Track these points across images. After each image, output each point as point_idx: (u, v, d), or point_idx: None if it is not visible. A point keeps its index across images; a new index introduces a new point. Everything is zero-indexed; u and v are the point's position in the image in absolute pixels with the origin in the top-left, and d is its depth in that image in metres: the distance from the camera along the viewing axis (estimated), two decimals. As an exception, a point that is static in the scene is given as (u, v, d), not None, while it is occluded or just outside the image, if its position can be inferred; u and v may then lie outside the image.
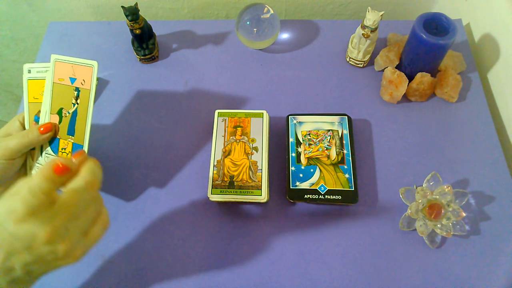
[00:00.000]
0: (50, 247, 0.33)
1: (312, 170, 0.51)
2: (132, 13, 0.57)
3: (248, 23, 0.61)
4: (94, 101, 0.61)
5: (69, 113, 0.48)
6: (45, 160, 0.48)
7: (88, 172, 0.36)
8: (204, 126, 0.58)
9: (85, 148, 0.47)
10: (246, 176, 0.50)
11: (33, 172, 0.49)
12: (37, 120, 0.49)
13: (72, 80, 0.47)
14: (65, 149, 0.48)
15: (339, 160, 0.52)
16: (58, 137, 0.48)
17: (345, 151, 0.52)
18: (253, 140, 0.52)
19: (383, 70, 0.62)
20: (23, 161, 0.48)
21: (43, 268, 0.35)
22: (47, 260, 0.34)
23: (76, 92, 0.47)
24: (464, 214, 0.48)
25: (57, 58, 0.47)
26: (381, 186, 0.53)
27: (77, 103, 0.47)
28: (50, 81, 0.47)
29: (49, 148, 0.48)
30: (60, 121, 0.48)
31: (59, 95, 0.47)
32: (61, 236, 0.34)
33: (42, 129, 0.46)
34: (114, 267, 0.49)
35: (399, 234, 0.50)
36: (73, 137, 0.48)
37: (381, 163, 0.55)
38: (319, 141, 0.53)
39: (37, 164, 0.49)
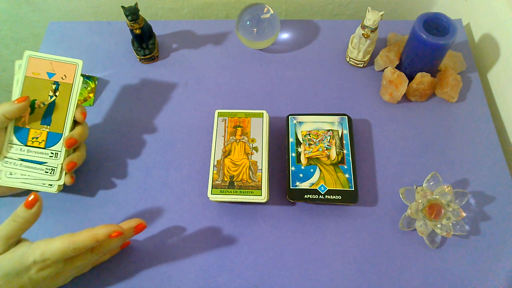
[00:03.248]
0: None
1: (312, 170, 0.51)
2: (132, 13, 0.57)
3: (248, 23, 0.61)
4: (94, 101, 0.61)
5: (44, 104, 0.49)
6: (7, 150, 0.48)
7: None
8: (204, 126, 0.58)
9: (64, 136, 0.49)
10: (246, 176, 0.50)
11: (1, 164, 0.48)
12: None
13: (50, 75, 0.49)
14: (37, 138, 0.49)
15: (339, 160, 0.52)
16: (27, 127, 0.49)
17: (345, 151, 0.52)
18: (253, 140, 0.52)
19: (383, 70, 0.62)
20: (2, 141, 0.48)
21: None
22: None
23: (54, 86, 0.49)
24: (464, 214, 0.48)
25: (31, 54, 0.49)
26: (381, 186, 0.53)
27: (55, 95, 0.49)
28: (22, 74, 0.49)
29: (14, 138, 0.48)
30: (31, 112, 0.49)
31: (31, 88, 0.49)
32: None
33: (16, 101, 0.46)
34: (114, 267, 0.49)
35: (399, 234, 0.50)
36: (48, 127, 0.49)
37: (381, 163, 0.55)
38: (319, 141, 0.53)
39: (4, 158, 0.48)
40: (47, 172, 0.49)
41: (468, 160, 0.55)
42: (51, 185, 0.50)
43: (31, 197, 0.40)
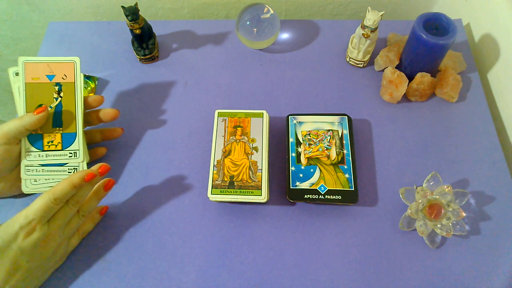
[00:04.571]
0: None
1: (312, 170, 0.51)
2: (132, 13, 0.57)
3: (248, 23, 0.61)
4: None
5: (51, 107, 0.49)
6: (26, 158, 0.49)
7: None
8: (204, 126, 0.58)
9: (80, 134, 0.50)
10: (246, 176, 0.50)
11: (24, 173, 0.49)
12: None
13: (50, 77, 0.49)
14: (52, 141, 0.49)
15: (339, 160, 0.52)
16: (40, 132, 0.49)
17: (345, 151, 0.52)
18: (253, 140, 0.52)
19: (383, 70, 0.62)
20: (19, 152, 0.48)
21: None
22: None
23: (57, 87, 0.49)
24: (464, 214, 0.48)
25: (25, 59, 0.49)
26: (381, 186, 0.53)
27: (60, 96, 0.49)
28: (22, 82, 0.49)
29: (30, 146, 0.49)
30: None
31: (34, 94, 0.49)
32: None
33: (35, 112, 0.47)
34: (114, 267, 0.49)
35: (399, 234, 0.50)
36: (61, 128, 0.49)
37: (381, 163, 0.55)
38: (319, 141, 0.53)
39: (25, 167, 0.49)
40: (70, 172, 0.50)
41: (468, 160, 0.55)
42: None
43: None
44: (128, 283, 0.48)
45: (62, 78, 0.49)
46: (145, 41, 0.63)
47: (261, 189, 0.49)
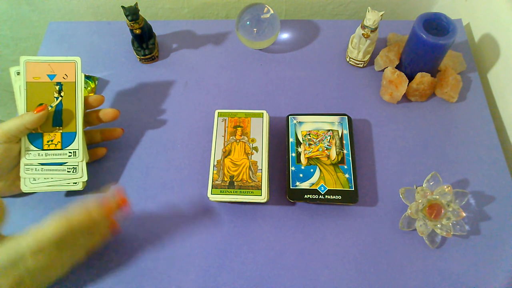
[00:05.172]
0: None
1: (312, 170, 0.51)
2: (132, 13, 0.57)
3: (248, 23, 0.61)
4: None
5: (51, 106, 0.49)
6: (26, 157, 0.49)
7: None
8: (204, 126, 0.58)
9: (79, 134, 0.50)
10: (246, 176, 0.50)
11: (23, 172, 0.49)
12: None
13: (51, 76, 0.49)
14: (52, 141, 0.49)
15: (339, 160, 0.52)
16: (40, 131, 0.49)
17: (345, 151, 0.52)
18: (253, 140, 0.52)
19: (383, 70, 0.62)
20: (18, 151, 0.48)
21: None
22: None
23: (58, 87, 0.49)
24: (464, 214, 0.48)
25: (27, 59, 0.49)
26: (381, 186, 0.53)
27: (61, 96, 0.49)
28: (23, 81, 0.49)
29: (30, 145, 0.49)
30: None
31: (35, 93, 0.49)
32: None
33: (35, 111, 0.47)
34: (114, 267, 0.49)
35: (399, 234, 0.50)
36: (61, 128, 0.49)
37: (381, 163, 0.55)
38: (319, 141, 0.53)
39: (24, 166, 0.49)
40: (70, 172, 0.50)
41: (468, 160, 0.55)
42: (75, 183, 0.50)
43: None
44: (128, 283, 0.48)
45: (63, 77, 0.50)
46: (145, 41, 0.63)
47: (261, 189, 0.49)
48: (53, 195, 0.53)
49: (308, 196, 0.50)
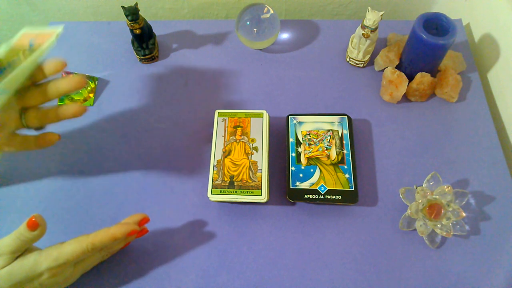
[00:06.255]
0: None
1: (312, 170, 0.51)
2: (132, 13, 0.57)
3: (248, 23, 0.61)
4: (94, 101, 0.61)
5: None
6: None
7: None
8: (204, 126, 0.58)
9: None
10: (246, 176, 0.50)
11: None
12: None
13: (31, 43, 0.47)
14: None
15: (339, 160, 0.52)
16: None
17: (345, 151, 0.52)
18: (253, 140, 0.52)
19: (383, 70, 0.62)
20: None
21: None
22: None
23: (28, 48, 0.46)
24: (464, 214, 0.48)
25: (26, 31, 0.48)
26: (381, 186, 0.53)
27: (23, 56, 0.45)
28: (9, 44, 0.47)
29: None
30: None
31: (12, 54, 0.46)
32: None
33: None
34: (114, 267, 0.49)
35: (399, 234, 0.50)
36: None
37: (381, 163, 0.55)
38: (319, 141, 0.53)
39: None
40: None
41: (468, 160, 0.55)
42: None
43: (33, 219, 0.39)
44: (128, 283, 0.48)
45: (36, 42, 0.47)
46: (145, 41, 0.63)
47: (261, 189, 0.49)
48: (55, 196, 0.53)
49: (308, 196, 0.50)
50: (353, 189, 0.50)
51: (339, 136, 0.54)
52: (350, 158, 0.52)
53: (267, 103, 0.61)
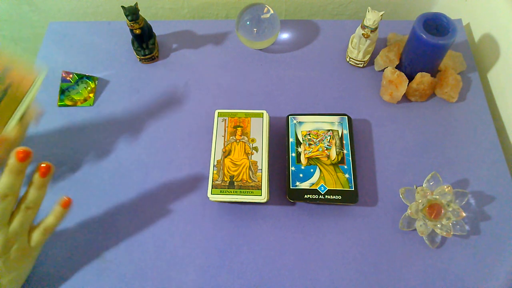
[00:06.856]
0: None
1: (312, 170, 0.51)
2: (132, 13, 0.57)
3: (248, 23, 0.61)
4: (94, 101, 0.61)
5: None
6: None
7: None
8: (204, 126, 0.58)
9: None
10: (246, 176, 0.50)
11: None
12: None
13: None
14: None
15: (339, 160, 0.52)
16: None
17: (345, 151, 0.52)
18: (253, 140, 0.52)
19: (383, 70, 0.62)
20: None
21: None
22: None
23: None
24: (464, 214, 0.48)
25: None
26: (381, 186, 0.53)
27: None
28: None
29: None
30: None
31: None
32: None
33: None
34: (114, 267, 0.49)
35: (399, 234, 0.50)
36: None
37: (381, 163, 0.55)
38: (319, 141, 0.53)
39: None
40: None
41: (468, 160, 0.55)
42: None
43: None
44: (128, 283, 0.48)
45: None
46: (145, 41, 0.63)
47: (261, 189, 0.49)
48: (54, 196, 0.53)
49: (308, 196, 0.50)
50: (353, 189, 0.50)
51: (339, 136, 0.54)
52: (350, 158, 0.52)
53: (267, 103, 0.61)
